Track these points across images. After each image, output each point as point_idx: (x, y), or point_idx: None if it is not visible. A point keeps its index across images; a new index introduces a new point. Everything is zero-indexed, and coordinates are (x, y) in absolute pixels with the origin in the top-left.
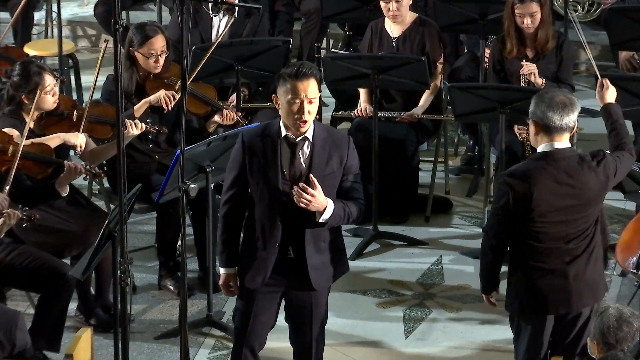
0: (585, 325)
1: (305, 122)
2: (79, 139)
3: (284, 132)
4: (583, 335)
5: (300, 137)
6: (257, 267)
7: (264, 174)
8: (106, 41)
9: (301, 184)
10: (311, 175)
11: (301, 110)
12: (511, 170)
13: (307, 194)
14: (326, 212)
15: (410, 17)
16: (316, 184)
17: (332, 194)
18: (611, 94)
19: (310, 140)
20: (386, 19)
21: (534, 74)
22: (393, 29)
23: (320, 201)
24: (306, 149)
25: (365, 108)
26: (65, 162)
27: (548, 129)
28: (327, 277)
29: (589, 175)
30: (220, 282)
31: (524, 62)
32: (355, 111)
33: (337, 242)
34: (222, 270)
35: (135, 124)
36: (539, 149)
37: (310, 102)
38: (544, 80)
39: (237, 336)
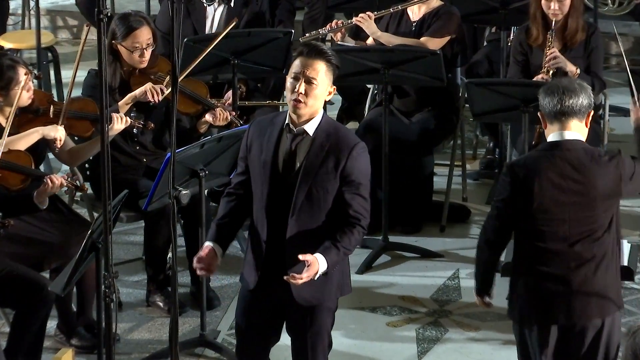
0: (597, 339)
1: (298, 102)
2: (59, 132)
3: (287, 121)
4: (598, 351)
5: (299, 129)
6: (251, 266)
7: (259, 163)
8: (88, 26)
9: (286, 278)
10: (301, 256)
11: (295, 87)
12: (515, 160)
13: (297, 278)
14: (320, 270)
15: (435, 2)
16: (308, 261)
17: (326, 199)
18: None
19: (311, 134)
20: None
21: (566, 62)
22: (414, 13)
23: (313, 272)
24: (305, 143)
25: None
26: (46, 176)
27: (551, 116)
28: (316, 294)
29: (597, 171)
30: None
31: (548, 51)
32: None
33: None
34: (205, 244)
35: (120, 117)
36: (548, 139)
37: (309, 82)
38: (578, 69)
39: (236, 346)
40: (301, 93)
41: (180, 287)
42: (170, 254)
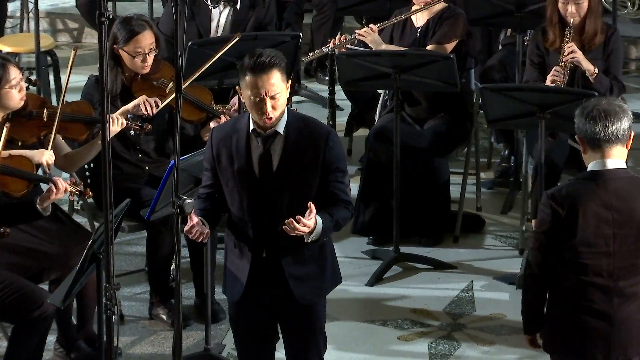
0: None
1: (270, 118)
2: (45, 157)
3: (252, 126)
4: None
5: (270, 132)
6: (235, 276)
7: (232, 172)
8: (75, 49)
9: (289, 221)
10: (310, 203)
11: (262, 108)
12: (554, 190)
13: (299, 224)
14: (315, 231)
15: (439, 6)
16: (312, 209)
17: (308, 192)
18: None
19: (282, 133)
20: (414, 7)
21: (584, 59)
22: (418, 18)
23: (312, 224)
24: (278, 143)
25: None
26: (50, 180)
27: (593, 142)
28: (316, 290)
29: None
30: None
31: (565, 45)
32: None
33: (327, 249)
34: None
35: (115, 119)
36: (589, 168)
37: (273, 98)
38: (596, 69)
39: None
40: (270, 110)
41: (184, 299)
42: (173, 265)
